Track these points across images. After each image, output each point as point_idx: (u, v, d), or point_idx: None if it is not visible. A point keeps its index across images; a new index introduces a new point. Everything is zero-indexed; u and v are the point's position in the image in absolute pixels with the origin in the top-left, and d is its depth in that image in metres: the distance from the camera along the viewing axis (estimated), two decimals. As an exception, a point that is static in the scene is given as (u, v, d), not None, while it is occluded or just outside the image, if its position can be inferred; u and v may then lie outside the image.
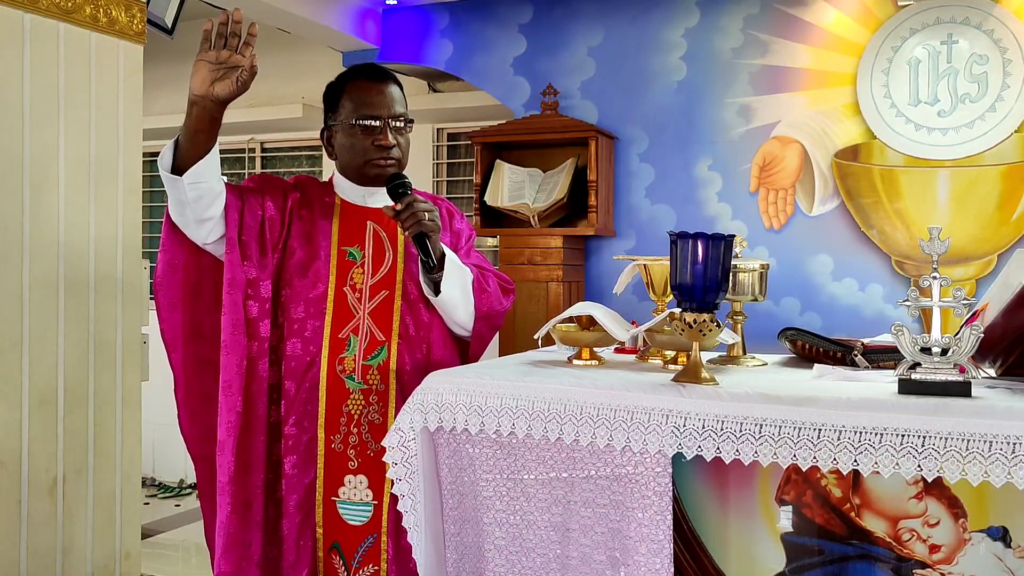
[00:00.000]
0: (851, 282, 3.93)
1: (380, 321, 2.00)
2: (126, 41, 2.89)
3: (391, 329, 2.00)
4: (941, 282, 1.54)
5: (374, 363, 1.98)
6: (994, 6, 3.71)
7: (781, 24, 4.04)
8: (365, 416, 1.97)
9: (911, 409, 1.40)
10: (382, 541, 1.97)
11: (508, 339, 4.08)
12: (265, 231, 1.98)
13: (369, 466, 1.98)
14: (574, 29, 4.41)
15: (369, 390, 1.97)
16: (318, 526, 1.99)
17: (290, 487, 1.98)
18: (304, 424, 1.98)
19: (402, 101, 2.09)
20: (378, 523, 1.97)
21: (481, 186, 4.27)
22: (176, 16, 3.67)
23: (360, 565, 1.98)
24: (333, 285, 2.01)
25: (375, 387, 1.97)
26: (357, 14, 4.68)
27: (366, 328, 2.00)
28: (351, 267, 2.03)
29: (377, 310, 2.01)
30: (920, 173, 3.82)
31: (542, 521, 1.65)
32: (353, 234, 2.06)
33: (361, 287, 2.02)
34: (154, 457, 5.97)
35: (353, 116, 2.04)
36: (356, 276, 2.02)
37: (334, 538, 1.99)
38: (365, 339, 1.99)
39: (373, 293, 2.01)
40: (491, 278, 2.10)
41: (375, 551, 1.98)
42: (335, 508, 1.99)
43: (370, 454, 1.97)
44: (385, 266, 2.05)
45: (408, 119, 2.09)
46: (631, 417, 1.55)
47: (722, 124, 4.13)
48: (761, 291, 1.89)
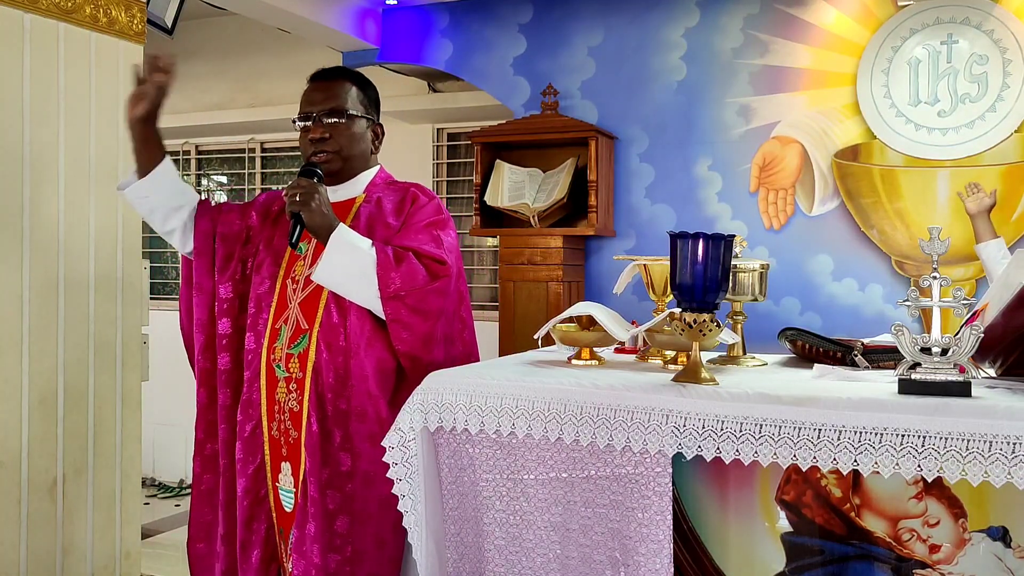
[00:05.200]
0: (851, 282, 3.93)
1: (306, 311, 2.03)
2: (126, 41, 2.89)
3: (315, 318, 2.02)
4: (941, 282, 1.54)
5: (296, 351, 2.02)
6: (994, 6, 3.71)
7: (781, 24, 4.04)
8: (287, 404, 2.01)
9: (911, 409, 1.40)
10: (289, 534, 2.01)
11: (508, 339, 4.08)
12: (236, 241, 2.17)
13: (292, 454, 2.01)
14: (574, 29, 4.41)
15: (290, 378, 2.01)
16: (272, 511, 2.05)
17: (239, 472, 2.04)
18: (248, 411, 2.05)
19: (343, 98, 2.12)
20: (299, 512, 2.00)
21: (481, 186, 4.27)
22: (176, 16, 3.67)
23: (290, 553, 2.01)
24: (280, 279, 2.08)
25: (294, 375, 2.01)
26: (357, 14, 4.68)
27: (294, 317, 2.04)
28: (296, 260, 2.09)
29: (306, 300, 2.04)
30: (920, 173, 3.82)
31: (542, 521, 1.65)
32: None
33: (299, 279, 2.07)
34: (154, 457, 5.98)
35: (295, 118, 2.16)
36: (298, 269, 2.08)
37: (280, 523, 2.05)
38: (291, 328, 2.03)
39: (307, 284, 2.05)
40: (407, 257, 1.96)
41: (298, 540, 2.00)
42: (278, 494, 2.04)
43: (291, 441, 2.01)
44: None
45: (343, 111, 2.10)
46: (631, 417, 1.55)
47: (722, 124, 4.13)
48: (761, 291, 1.89)
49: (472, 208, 4.41)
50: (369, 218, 2.08)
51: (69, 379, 2.70)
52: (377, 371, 1.98)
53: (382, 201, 2.13)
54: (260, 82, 5.74)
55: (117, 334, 2.86)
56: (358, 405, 1.95)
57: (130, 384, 2.91)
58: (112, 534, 2.85)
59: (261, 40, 5.63)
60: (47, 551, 2.63)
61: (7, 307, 2.53)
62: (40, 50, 2.63)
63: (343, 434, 1.96)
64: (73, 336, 2.72)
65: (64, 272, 2.69)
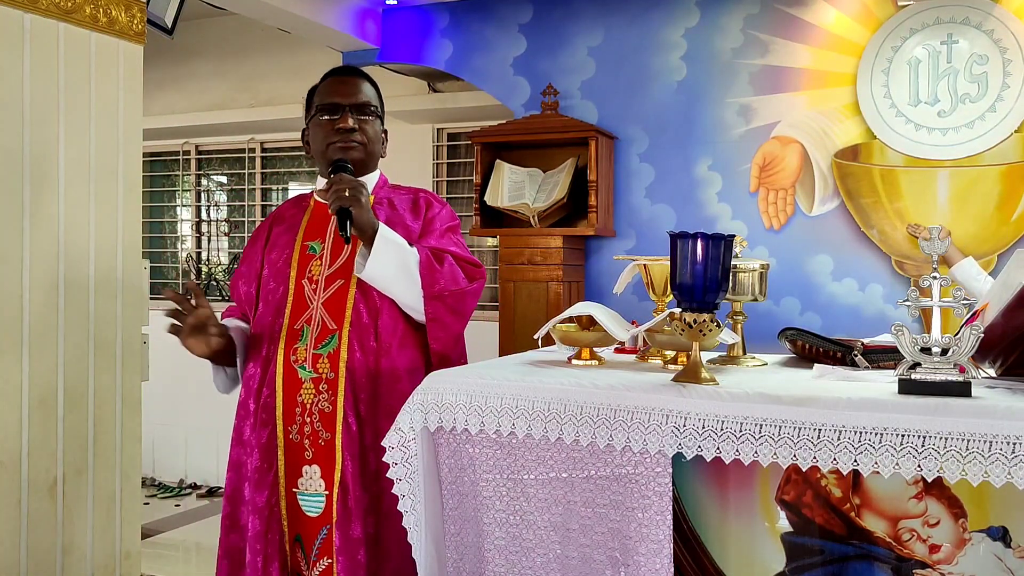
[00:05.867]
0: (851, 282, 3.93)
1: (332, 310, 2.03)
2: (126, 41, 2.89)
3: (343, 318, 2.02)
4: (941, 282, 1.54)
5: (324, 351, 2.01)
6: (994, 6, 3.71)
7: (781, 24, 4.04)
8: (316, 405, 1.99)
9: (911, 409, 1.39)
10: (333, 533, 1.97)
11: (508, 339, 4.08)
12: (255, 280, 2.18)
13: (321, 456, 1.99)
14: (574, 29, 4.41)
15: (319, 379, 2.00)
16: (283, 519, 2.01)
17: (256, 483, 2.00)
18: (262, 417, 2.02)
19: (370, 95, 2.15)
20: (330, 514, 1.98)
21: (481, 186, 4.27)
22: (176, 16, 3.68)
23: (317, 557, 1.99)
24: (293, 280, 2.06)
25: (324, 375, 2.00)
26: (357, 14, 4.68)
27: (318, 317, 2.03)
28: (310, 260, 2.08)
29: (331, 300, 2.03)
30: (920, 173, 3.82)
31: (542, 521, 1.65)
32: (318, 229, 2.12)
33: (318, 278, 2.06)
34: (154, 457, 5.98)
35: (316, 106, 2.13)
36: (315, 268, 2.07)
37: (296, 530, 2.01)
38: (316, 328, 2.02)
39: (328, 283, 2.05)
40: (447, 259, 2.04)
41: (328, 543, 1.98)
42: (296, 499, 2.01)
43: (321, 443, 1.99)
44: (343, 256, 2.07)
45: (373, 109, 2.13)
46: (631, 417, 1.54)
47: (722, 124, 4.14)
48: (761, 291, 1.89)
49: (472, 208, 4.42)
50: (388, 220, 2.09)
51: (69, 379, 2.70)
52: (409, 370, 2.01)
53: (394, 203, 2.16)
54: (260, 82, 5.74)
55: (117, 334, 2.86)
56: (388, 404, 1.96)
57: (130, 384, 2.90)
58: (112, 534, 2.85)
59: (261, 40, 5.63)
60: (47, 551, 2.63)
61: (7, 307, 2.53)
62: (40, 50, 2.63)
63: (373, 433, 1.97)
64: (73, 336, 2.72)
65: (64, 272, 2.69)
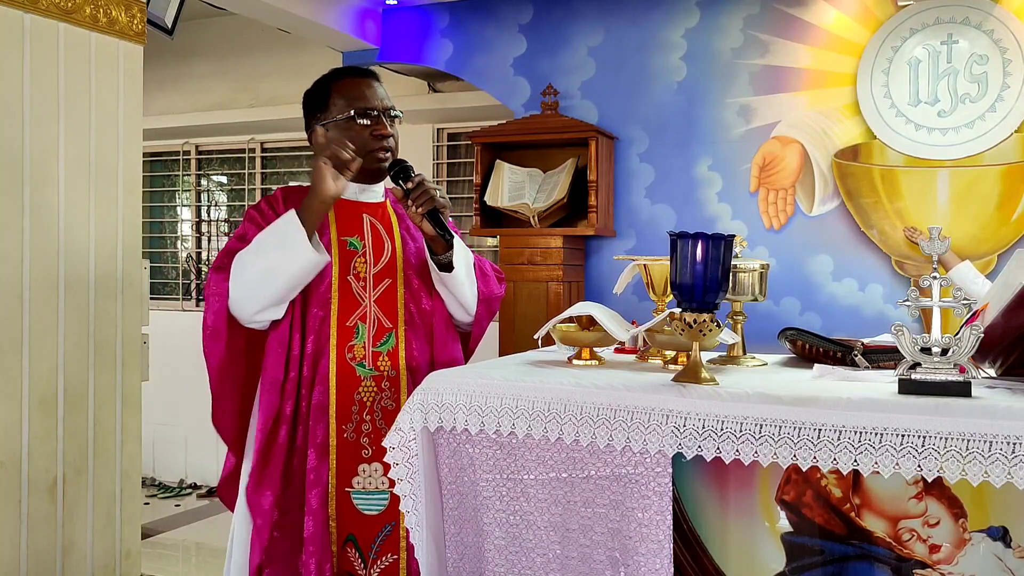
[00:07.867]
0: (851, 282, 3.93)
1: (386, 308, 2.02)
2: (126, 41, 2.89)
3: (396, 316, 2.03)
4: (941, 282, 1.54)
5: (383, 349, 2.00)
6: (994, 6, 3.71)
7: (781, 24, 4.04)
8: (378, 403, 1.98)
9: (911, 409, 1.40)
10: (400, 528, 1.97)
11: (508, 339, 4.08)
12: None
13: (384, 453, 1.96)
14: (574, 29, 4.41)
15: (381, 376, 1.99)
16: (331, 519, 1.97)
17: (311, 483, 1.94)
18: (315, 415, 1.96)
19: (389, 98, 2.15)
20: (395, 511, 1.95)
21: (481, 186, 4.27)
22: (176, 16, 3.68)
23: (377, 555, 1.97)
24: (337, 274, 2.02)
25: (386, 373, 1.99)
26: (357, 14, 4.68)
27: (373, 315, 2.01)
28: (353, 256, 2.04)
29: (382, 298, 2.03)
30: (920, 173, 3.82)
31: (542, 521, 1.65)
32: (351, 226, 2.08)
33: (365, 276, 2.04)
34: (154, 457, 5.98)
35: (349, 110, 2.05)
36: (359, 265, 2.04)
37: (349, 530, 1.97)
38: (373, 326, 2.01)
39: (377, 282, 2.04)
40: (486, 263, 2.17)
41: (393, 540, 1.97)
42: (349, 499, 1.97)
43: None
44: (385, 256, 2.07)
45: (397, 112, 2.14)
46: (631, 417, 1.54)
47: (722, 124, 4.13)
48: (761, 291, 1.89)
49: (472, 208, 4.41)
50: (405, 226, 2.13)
51: (69, 379, 2.70)
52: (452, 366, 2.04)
53: (398, 210, 2.17)
54: (260, 82, 5.74)
55: (117, 334, 2.86)
56: None
57: (130, 384, 2.91)
58: (112, 534, 2.85)
59: (261, 40, 5.63)
60: (47, 551, 2.63)
61: (7, 307, 2.53)
62: (40, 50, 2.63)
63: None
64: (73, 336, 2.72)
65: (64, 272, 2.69)
